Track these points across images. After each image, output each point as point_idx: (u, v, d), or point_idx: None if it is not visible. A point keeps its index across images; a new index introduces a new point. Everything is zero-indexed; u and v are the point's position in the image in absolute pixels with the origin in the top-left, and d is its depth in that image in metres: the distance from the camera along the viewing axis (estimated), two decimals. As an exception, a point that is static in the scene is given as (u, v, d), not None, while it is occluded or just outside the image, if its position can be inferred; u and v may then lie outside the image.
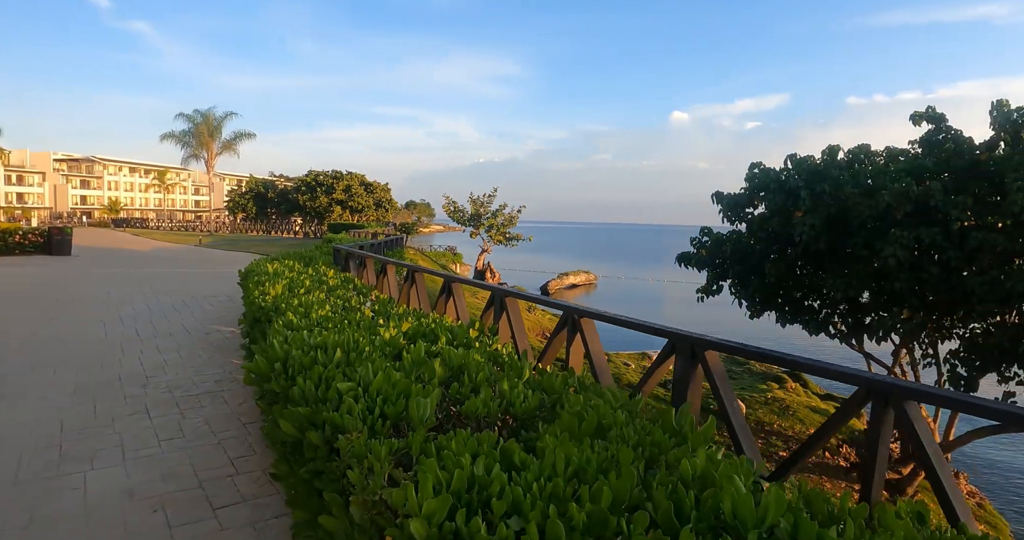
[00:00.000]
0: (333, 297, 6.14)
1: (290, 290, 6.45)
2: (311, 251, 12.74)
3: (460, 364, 3.37)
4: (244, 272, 9.28)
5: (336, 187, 55.08)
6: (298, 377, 3.04)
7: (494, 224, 34.42)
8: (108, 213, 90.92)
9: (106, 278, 17.44)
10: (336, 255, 12.32)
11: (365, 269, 11.04)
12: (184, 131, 48.29)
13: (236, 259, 25.83)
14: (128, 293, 14.27)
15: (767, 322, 13.64)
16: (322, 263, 10.31)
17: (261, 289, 6.50)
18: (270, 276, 7.83)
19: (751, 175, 12.84)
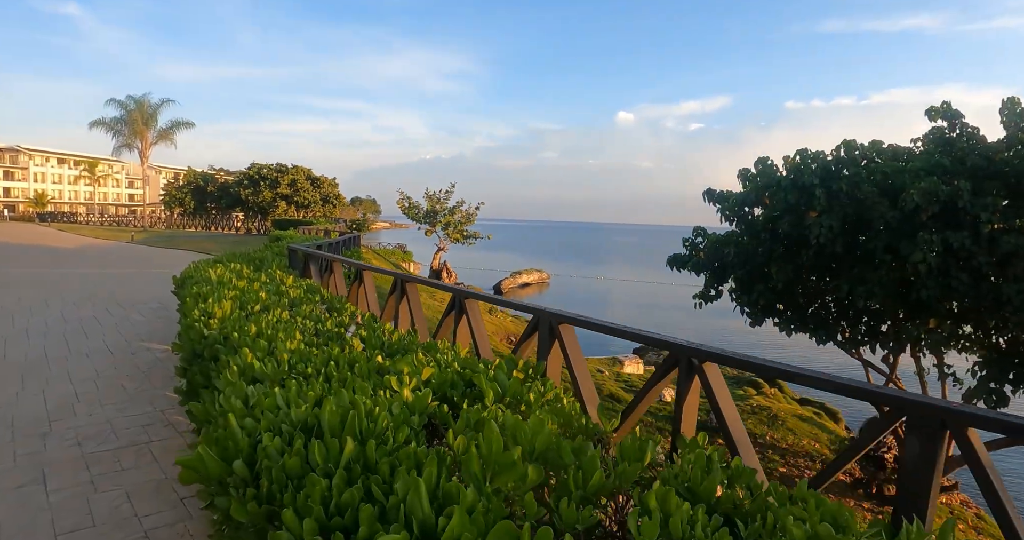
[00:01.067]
0: (300, 316, 4.68)
1: (242, 307, 4.96)
2: (260, 251, 11.09)
3: (544, 450, 2.04)
4: (180, 278, 7.70)
5: (281, 181, 52.51)
6: (285, 511, 1.63)
7: (451, 221, 32.88)
8: (34, 207, 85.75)
9: (19, 280, 15.34)
10: (292, 256, 10.71)
11: (332, 275, 9.44)
12: (116, 118, 45.09)
13: (172, 258, 23.68)
14: (42, 299, 12.35)
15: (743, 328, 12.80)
16: (276, 266, 8.74)
17: (203, 307, 4.97)
18: (214, 286, 6.29)
19: (754, 173, 11.87)
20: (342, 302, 5.81)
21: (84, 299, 12.50)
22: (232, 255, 10.10)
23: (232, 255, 10.10)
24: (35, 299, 12.31)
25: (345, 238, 18.17)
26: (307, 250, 10.09)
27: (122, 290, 14.07)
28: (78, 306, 11.62)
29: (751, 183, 12.01)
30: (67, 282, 15.21)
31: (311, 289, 6.58)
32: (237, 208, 55.34)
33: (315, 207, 53.72)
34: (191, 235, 43.66)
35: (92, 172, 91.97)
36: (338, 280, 8.97)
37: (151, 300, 12.62)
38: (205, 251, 27.36)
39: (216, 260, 9.22)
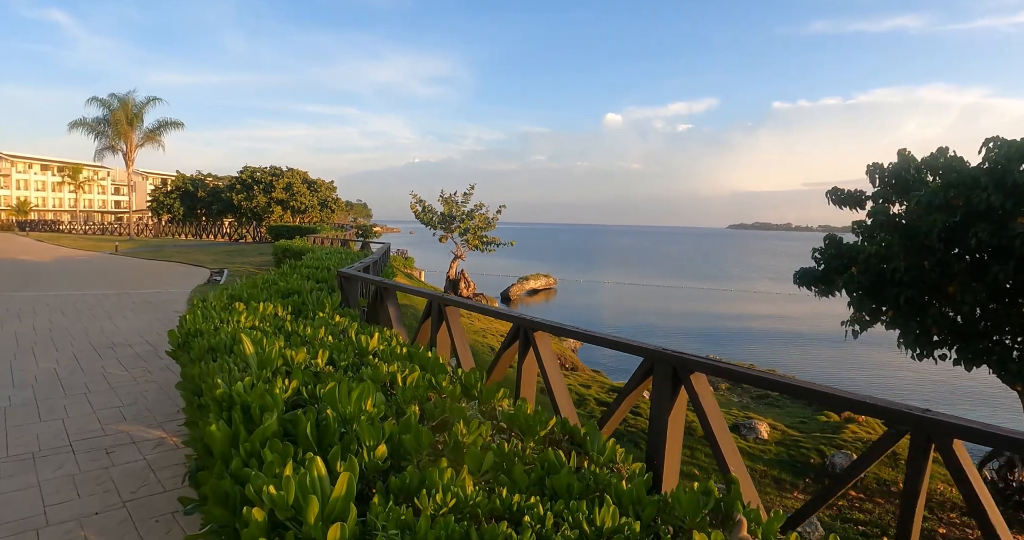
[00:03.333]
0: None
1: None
2: (286, 276, 8.08)
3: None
4: (182, 334, 4.74)
5: (276, 185, 49.35)
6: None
7: (470, 226, 29.86)
8: (16, 215, 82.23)
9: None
10: (347, 288, 7.72)
11: (436, 323, 6.15)
12: (98, 119, 41.65)
13: (161, 273, 20.52)
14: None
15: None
16: (329, 307, 5.76)
17: (247, 448, 2.03)
18: (250, 366, 3.34)
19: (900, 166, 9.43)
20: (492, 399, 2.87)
21: (47, 339, 9.42)
22: (252, 284, 7.07)
23: (252, 284, 7.07)
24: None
25: (382, 251, 15.05)
26: (383, 283, 6.98)
27: (100, 323, 10.98)
28: (37, 352, 8.55)
29: (899, 180, 9.62)
30: (31, 312, 12.11)
31: (430, 364, 3.64)
32: (229, 214, 52.11)
33: (312, 212, 50.59)
34: (181, 244, 40.40)
35: (75, 178, 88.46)
36: (459, 339, 5.77)
37: (137, 339, 9.56)
38: (199, 263, 24.24)
39: (233, 294, 6.20)
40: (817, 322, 36.78)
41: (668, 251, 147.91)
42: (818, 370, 24.08)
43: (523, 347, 4.82)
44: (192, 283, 17.59)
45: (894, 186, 10.68)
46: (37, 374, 7.40)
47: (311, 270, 8.65)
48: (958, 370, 9.85)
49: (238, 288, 6.62)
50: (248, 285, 6.92)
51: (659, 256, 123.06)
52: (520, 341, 4.86)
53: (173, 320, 11.21)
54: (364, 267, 8.69)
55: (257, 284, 7.06)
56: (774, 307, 45.10)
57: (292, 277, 7.69)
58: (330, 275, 8.45)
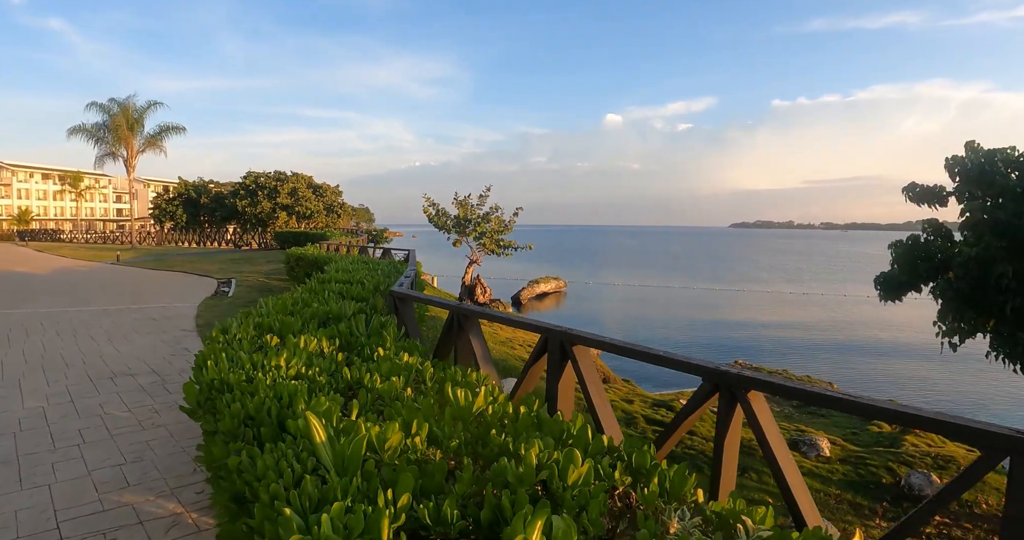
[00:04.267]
0: None
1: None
2: (316, 294, 6.83)
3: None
4: (201, 393, 3.51)
5: (280, 190, 48.09)
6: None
7: (486, 230, 28.53)
8: (17, 224, 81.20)
9: (-44, 330, 11.00)
10: (402, 311, 6.48)
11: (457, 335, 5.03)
12: (98, 124, 40.43)
13: (166, 284, 19.28)
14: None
15: None
16: (391, 339, 4.54)
17: None
18: (323, 464, 2.08)
19: (974, 160, 8.28)
20: None
21: (38, 369, 8.17)
22: (281, 307, 5.81)
23: (281, 307, 5.81)
24: (-39, 372, 8.00)
25: (408, 260, 13.68)
26: (460, 308, 5.68)
27: (99, 346, 9.74)
28: (25, 387, 7.30)
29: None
30: (22, 334, 10.87)
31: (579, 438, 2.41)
32: (233, 221, 50.90)
33: (318, 217, 49.35)
34: (184, 252, 39.19)
35: (76, 186, 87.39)
36: (565, 385, 4.60)
37: (140, 367, 8.31)
38: (205, 273, 23.00)
39: (261, 323, 4.96)
40: (857, 329, 35.61)
41: (673, 251, 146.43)
42: (914, 390, 21.85)
43: (559, 361, 4.38)
44: (199, 295, 16.35)
45: (977, 181, 9.46)
46: (23, 417, 6.15)
47: (343, 286, 7.40)
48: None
49: (266, 313, 5.37)
50: (277, 309, 5.66)
51: (665, 256, 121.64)
52: (555, 355, 4.41)
53: (181, 341, 9.98)
54: (410, 283, 7.44)
55: (287, 306, 5.81)
56: (801, 311, 43.72)
57: (328, 297, 6.43)
58: (366, 291, 7.20)
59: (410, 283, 6.73)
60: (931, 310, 10.05)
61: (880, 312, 40.90)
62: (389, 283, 8.20)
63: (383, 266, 10.21)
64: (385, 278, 8.41)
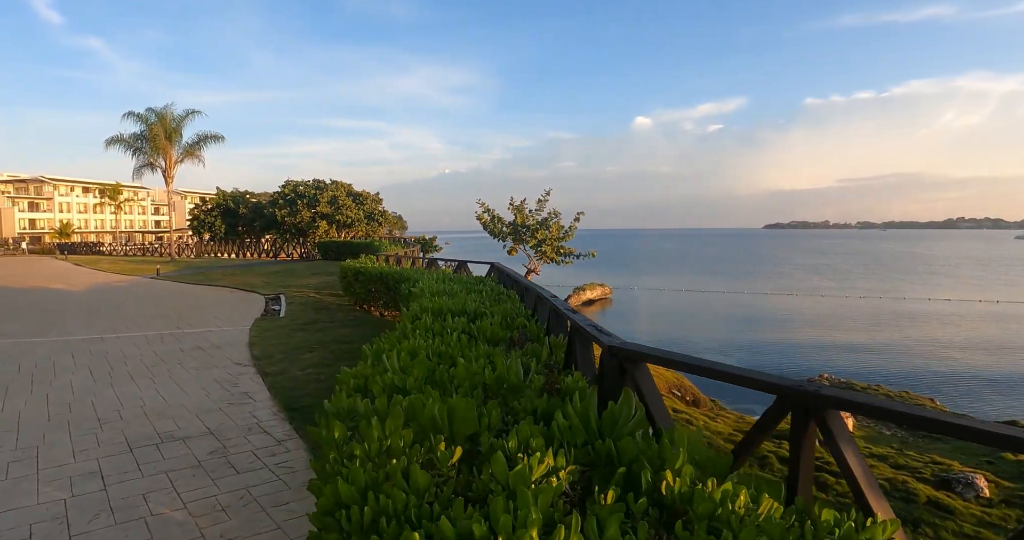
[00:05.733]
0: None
1: None
2: (430, 331, 4.89)
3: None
4: None
5: (320, 199, 46.57)
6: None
7: (547, 237, 26.51)
8: (59, 237, 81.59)
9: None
10: (635, 379, 4.47)
11: None
12: (135, 134, 39.32)
13: (209, 302, 17.57)
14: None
15: None
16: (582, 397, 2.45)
17: None
18: None
19: None
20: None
21: (61, 430, 6.32)
22: (420, 367, 3.82)
23: (420, 367, 3.82)
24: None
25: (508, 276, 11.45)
26: (621, 348, 3.73)
27: (139, 389, 7.89)
28: (43, 459, 5.43)
29: None
30: (48, 371, 9.13)
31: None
32: (271, 231, 49.61)
33: (359, 226, 47.77)
34: (225, 264, 37.83)
35: (115, 199, 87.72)
36: None
37: (192, 424, 6.40)
38: (249, 287, 21.33)
39: (389, 384, 2.94)
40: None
41: (711, 253, 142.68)
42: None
43: (802, 428, 3.16)
44: (247, 315, 14.56)
45: None
46: (36, 522, 4.25)
47: (464, 322, 5.44)
48: None
49: (407, 386, 3.41)
50: (416, 371, 3.68)
51: (705, 259, 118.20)
52: (798, 423, 3.17)
53: (238, 382, 8.09)
54: (545, 295, 5.45)
55: (425, 364, 3.84)
56: (884, 322, 40.83)
57: (459, 342, 4.47)
58: (501, 330, 5.23)
59: (594, 326, 4.67)
60: None
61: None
62: (517, 314, 6.20)
63: (487, 288, 8.22)
64: (511, 307, 6.42)
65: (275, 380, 8.22)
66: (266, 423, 6.44)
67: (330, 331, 12.18)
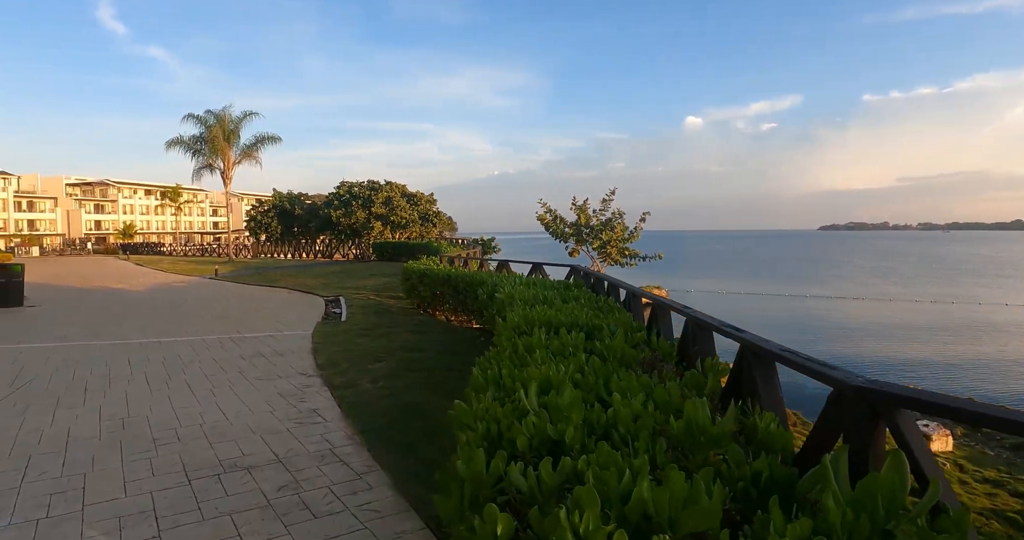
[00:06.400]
0: None
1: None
2: (557, 355, 3.91)
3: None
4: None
5: (374, 199, 46.33)
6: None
7: (612, 238, 25.39)
8: (122, 238, 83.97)
9: (26, 372, 8.70)
10: (763, 382, 3.47)
11: None
12: (195, 136, 39.68)
13: (269, 303, 17.02)
14: (14, 447, 5.50)
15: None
16: None
17: None
18: None
19: None
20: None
21: (112, 447, 5.58)
22: (568, 406, 2.84)
23: (568, 406, 2.84)
24: (21, 442, 5.48)
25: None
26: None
27: (197, 403, 7.14)
28: (90, 491, 4.66)
29: None
30: (102, 378, 8.52)
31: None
32: (327, 231, 49.62)
33: (413, 227, 47.35)
34: (281, 264, 37.75)
35: (174, 199, 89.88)
36: None
37: (257, 447, 5.57)
38: (307, 288, 20.80)
39: (548, 438, 1.95)
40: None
41: (766, 255, 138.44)
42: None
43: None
44: (309, 319, 13.88)
45: None
46: None
47: (582, 339, 4.47)
48: None
49: (525, 412, 2.44)
50: (534, 395, 2.72)
51: (761, 261, 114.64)
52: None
53: (305, 396, 7.27)
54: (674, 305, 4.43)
55: (554, 385, 2.88)
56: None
57: (608, 375, 3.48)
58: (628, 349, 4.26)
59: (791, 351, 3.61)
60: None
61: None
62: (632, 327, 5.20)
63: (585, 295, 7.23)
64: (623, 318, 5.42)
65: (344, 394, 7.39)
66: (341, 449, 5.57)
67: (395, 337, 11.35)
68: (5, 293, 16.30)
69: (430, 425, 6.17)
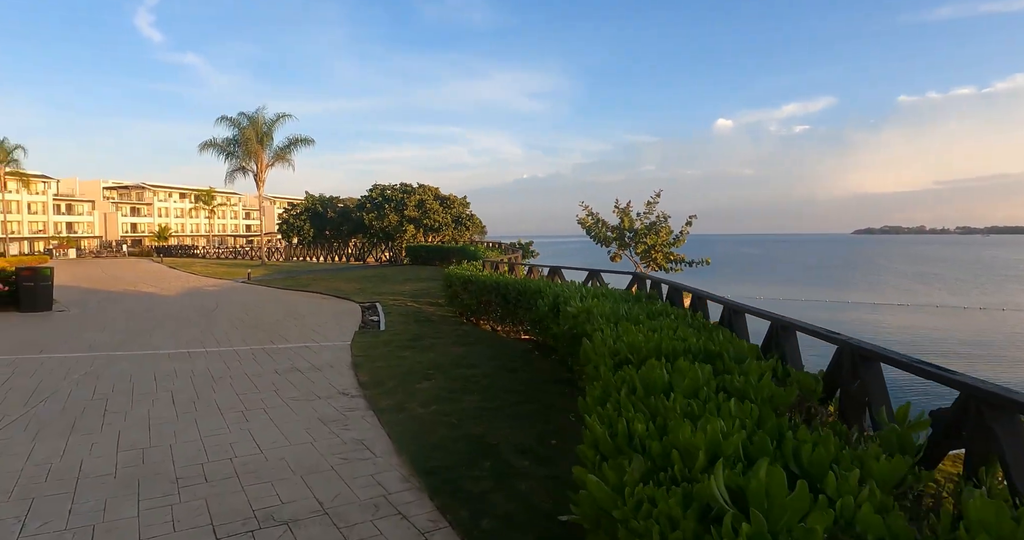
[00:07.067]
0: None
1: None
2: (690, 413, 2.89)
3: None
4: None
5: (407, 202, 45.74)
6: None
7: (657, 242, 24.20)
8: (157, 240, 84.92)
9: (44, 388, 7.94)
10: None
11: None
12: (228, 139, 39.38)
13: (303, 309, 16.23)
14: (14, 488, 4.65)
15: None
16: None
17: None
18: None
19: None
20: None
21: (128, 488, 4.70)
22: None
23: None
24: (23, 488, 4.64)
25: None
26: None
27: (226, 430, 6.26)
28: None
29: None
30: (125, 395, 7.72)
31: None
32: (359, 234, 49.14)
33: (446, 230, 46.64)
34: (314, 268, 37.20)
35: (207, 202, 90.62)
36: None
37: (299, 496, 4.64)
38: (342, 294, 20.03)
39: None
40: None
41: (802, 259, 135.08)
42: None
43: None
44: (345, 327, 13.04)
45: None
46: None
47: (709, 372, 3.47)
48: None
49: (688, 500, 1.40)
50: (682, 462, 1.68)
51: (796, 265, 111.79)
52: None
53: (348, 423, 6.36)
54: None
55: (718, 448, 1.84)
56: None
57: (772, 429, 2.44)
58: (776, 390, 3.24)
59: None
60: None
61: None
62: (757, 355, 4.19)
63: (677, 312, 6.22)
64: (734, 342, 4.42)
65: (394, 420, 6.45)
66: (397, 496, 4.62)
67: (441, 350, 10.42)
68: (33, 297, 15.75)
69: (501, 466, 5.20)
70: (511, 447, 5.62)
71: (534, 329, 10.23)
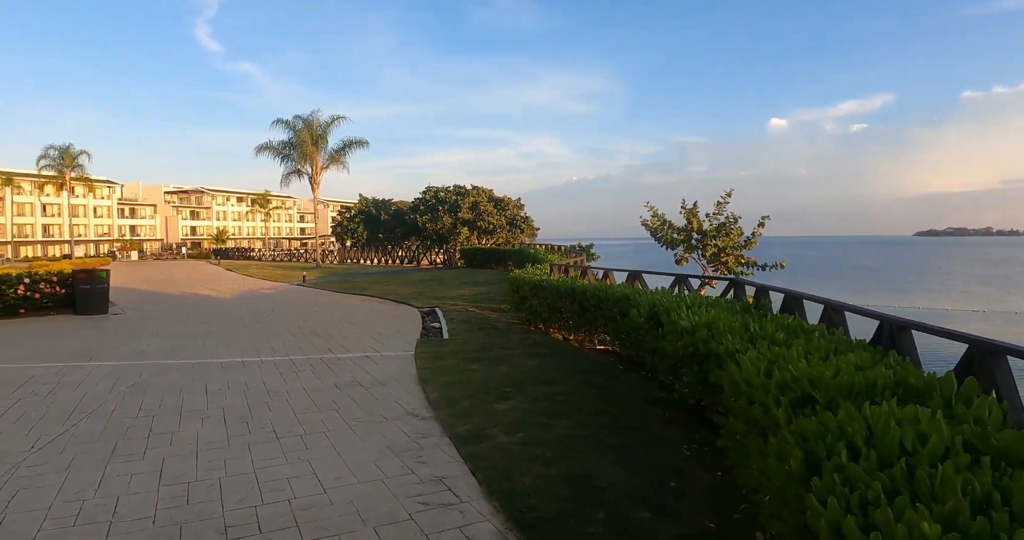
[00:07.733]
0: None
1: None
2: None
3: None
4: None
5: (461, 205, 45.09)
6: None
7: (727, 245, 22.79)
8: (215, 243, 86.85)
9: (87, 402, 7.25)
10: None
11: None
12: (283, 142, 39.42)
13: (360, 315, 15.48)
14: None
15: None
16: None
17: None
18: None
19: None
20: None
21: (170, 533, 3.84)
22: None
23: None
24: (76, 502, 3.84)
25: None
26: None
27: (283, 460, 5.39)
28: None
29: None
30: (171, 411, 6.96)
31: None
32: (412, 237, 48.73)
33: (501, 232, 45.81)
34: (368, 271, 36.81)
35: (263, 205, 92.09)
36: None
37: (357, 518, 3.71)
38: (399, 298, 19.29)
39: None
40: None
41: (863, 263, 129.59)
42: None
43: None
44: (406, 335, 12.21)
45: None
46: None
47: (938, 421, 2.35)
48: None
49: None
50: None
51: (858, 269, 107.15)
52: None
53: (423, 455, 5.42)
54: None
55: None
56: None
57: None
58: None
59: None
60: None
61: None
62: (954, 388, 3.07)
63: (820, 330, 5.11)
64: (911, 370, 3.30)
65: (476, 452, 5.48)
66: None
67: (514, 362, 9.45)
68: (89, 299, 15.42)
69: (616, 517, 4.18)
70: (622, 492, 4.60)
71: (619, 340, 9.17)
